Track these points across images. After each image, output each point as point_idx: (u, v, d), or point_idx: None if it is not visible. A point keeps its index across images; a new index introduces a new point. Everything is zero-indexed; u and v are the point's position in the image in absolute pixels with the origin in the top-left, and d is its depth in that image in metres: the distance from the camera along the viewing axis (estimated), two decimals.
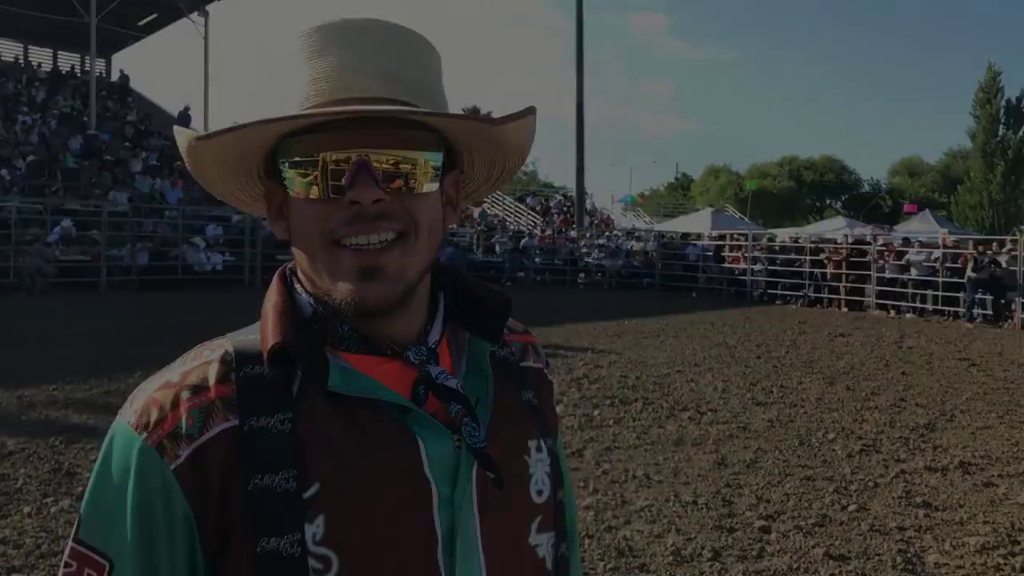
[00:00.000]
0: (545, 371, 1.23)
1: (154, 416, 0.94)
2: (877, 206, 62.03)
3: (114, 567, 0.91)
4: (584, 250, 29.26)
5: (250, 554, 0.89)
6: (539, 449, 1.09)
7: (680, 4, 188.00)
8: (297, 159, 0.95)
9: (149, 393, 0.96)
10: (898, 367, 12.05)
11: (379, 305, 0.96)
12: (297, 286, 1.04)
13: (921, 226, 29.55)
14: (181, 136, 0.96)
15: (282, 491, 0.90)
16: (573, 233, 30.73)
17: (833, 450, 7.33)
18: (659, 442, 7.43)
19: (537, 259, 29.06)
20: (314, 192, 0.95)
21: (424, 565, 0.95)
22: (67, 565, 0.92)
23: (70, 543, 0.94)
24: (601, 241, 29.80)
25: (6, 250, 20.13)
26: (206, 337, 1.04)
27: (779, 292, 23.59)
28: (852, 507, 5.78)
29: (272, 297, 1.03)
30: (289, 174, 0.97)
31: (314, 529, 0.90)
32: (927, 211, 34.92)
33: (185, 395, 0.95)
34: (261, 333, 1.00)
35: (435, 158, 0.99)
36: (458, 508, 0.97)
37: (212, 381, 0.96)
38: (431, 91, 1.02)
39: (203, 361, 0.98)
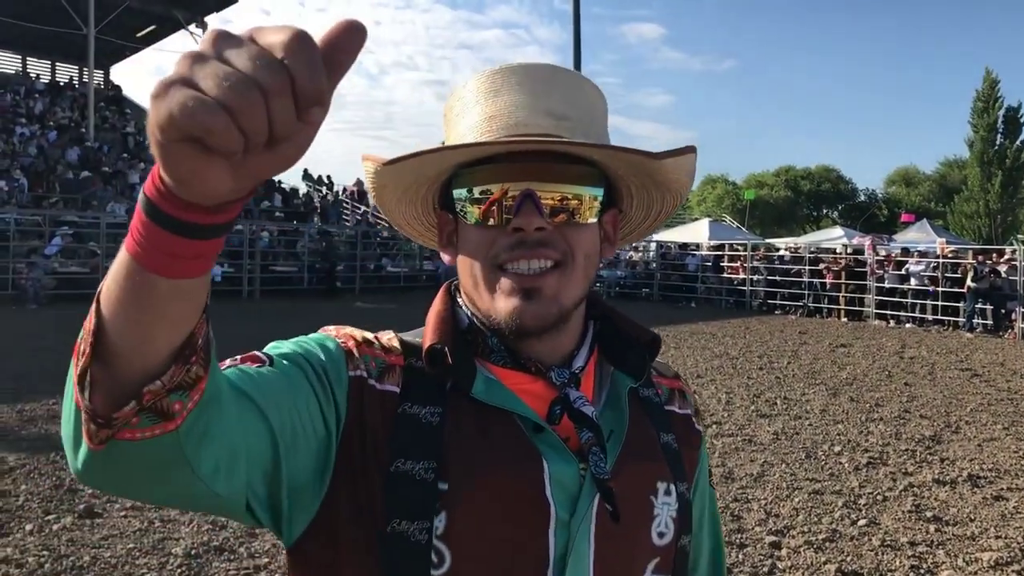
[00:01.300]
0: (693, 419, 1.24)
1: (349, 336, 1.05)
2: (873, 215, 62.11)
3: (268, 362, 0.95)
4: None
5: (377, 533, 0.94)
6: (668, 492, 1.09)
7: (676, 15, 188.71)
8: (470, 188, 1.03)
9: (346, 329, 1.07)
10: (900, 378, 12.02)
11: (535, 325, 1.02)
12: (460, 299, 1.12)
13: (919, 235, 29.52)
14: (369, 162, 1.05)
15: (420, 479, 0.95)
16: None
17: (840, 463, 7.29)
18: None
19: None
20: (483, 219, 1.03)
21: None
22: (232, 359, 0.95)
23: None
24: None
25: (4, 262, 20.06)
26: None
27: (778, 302, 23.57)
28: (862, 522, 5.74)
29: (436, 306, 1.11)
30: (462, 203, 1.05)
31: (437, 523, 0.94)
32: (924, 220, 34.92)
33: (377, 344, 1.05)
34: (424, 335, 1.07)
35: (596, 193, 1.05)
36: (574, 534, 0.98)
37: (396, 352, 1.05)
38: (596, 131, 1.09)
39: (387, 336, 1.08)
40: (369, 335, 1.06)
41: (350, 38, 0.58)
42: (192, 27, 35.81)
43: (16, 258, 20.06)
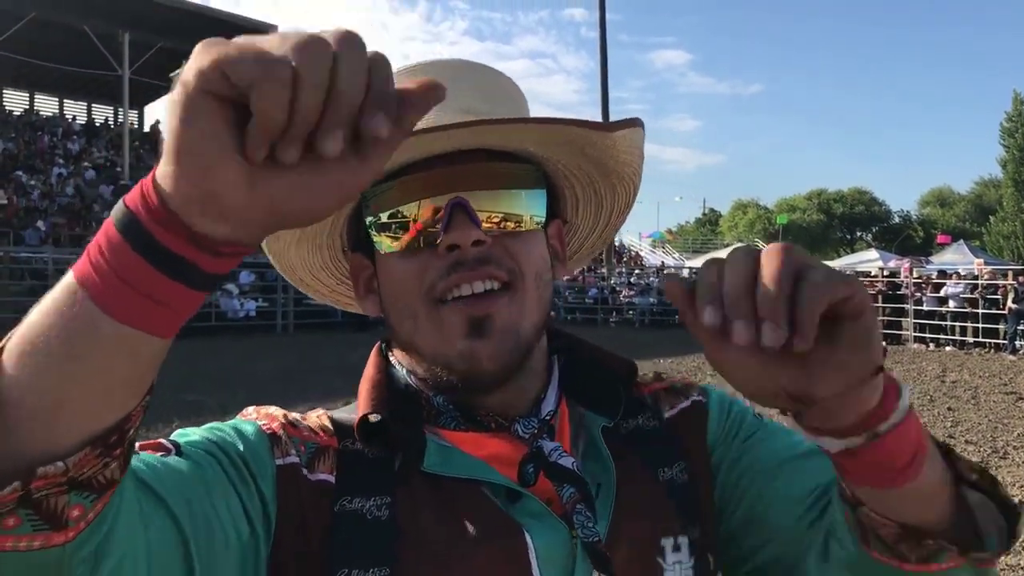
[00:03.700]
0: (687, 404, 1.02)
1: (272, 417, 0.88)
2: (909, 237, 61.48)
3: (175, 451, 0.79)
4: (616, 287, 29.13)
5: None
6: (677, 548, 0.91)
7: (702, 41, 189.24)
8: (383, 213, 0.87)
9: (268, 409, 0.91)
10: (943, 402, 11.77)
11: (493, 368, 0.85)
12: (392, 358, 0.95)
13: (956, 257, 29.15)
14: None
15: None
16: (603, 271, 30.64)
17: None
18: None
19: (568, 297, 28.98)
20: (407, 245, 0.86)
21: None
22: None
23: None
24: (632, 279, 29.66)
25: None
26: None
27: None
28: None
29: (366, 372, 0.94)
30: (376, 232, 0.88)
31: None
32: (961, 242, 34.48)
33: (304, 425, 0.89)
34: (357, 408, 0.91)
35: (535, 195, 0.90)
36: None
37: (328, 432, 0.89)
38: None
39: (316, 414, 0.92)
40: (295, 415, 0.91)
41: (425, 94, 0.52)
42: None
43: None
